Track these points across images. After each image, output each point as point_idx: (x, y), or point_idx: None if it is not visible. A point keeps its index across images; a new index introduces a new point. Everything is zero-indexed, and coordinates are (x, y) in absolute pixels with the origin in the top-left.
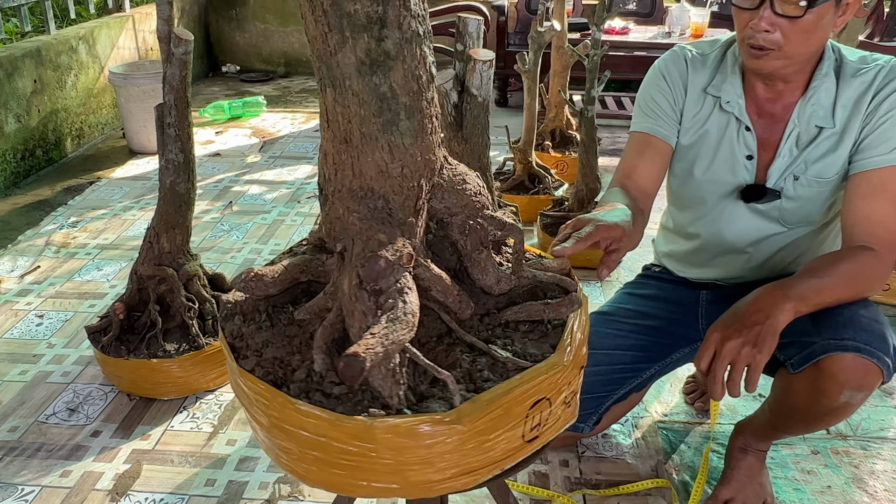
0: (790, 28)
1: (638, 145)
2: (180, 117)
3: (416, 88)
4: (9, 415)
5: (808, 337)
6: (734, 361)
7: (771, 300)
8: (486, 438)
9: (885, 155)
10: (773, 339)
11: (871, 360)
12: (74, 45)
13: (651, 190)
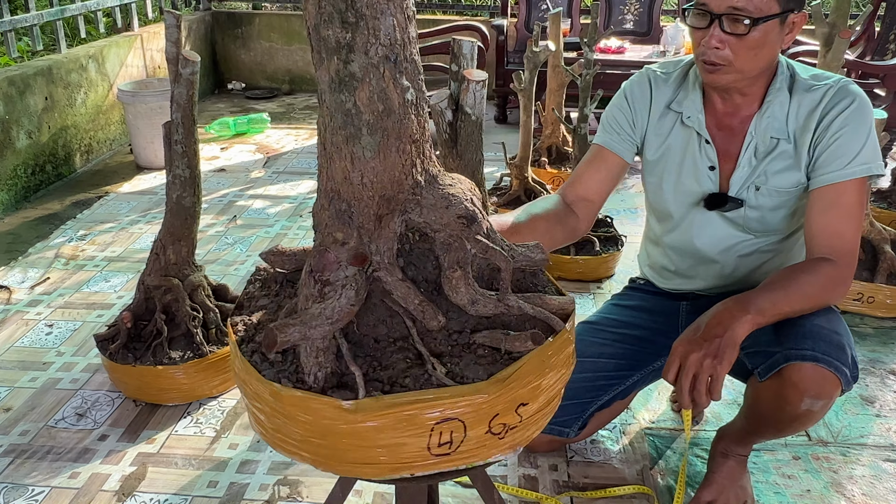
0: (738, 45)
1: (591, 156)
2: (187, 134)
3: (382, 109)
4: (20, 419)
5: (772, 347)
6: (697, 373)
7: (729, 314)
8: (382, 437)
9: (838, 171)
10: (733, 350)
11: (828, 369)
12: (84, 64)
13: (592, 196)
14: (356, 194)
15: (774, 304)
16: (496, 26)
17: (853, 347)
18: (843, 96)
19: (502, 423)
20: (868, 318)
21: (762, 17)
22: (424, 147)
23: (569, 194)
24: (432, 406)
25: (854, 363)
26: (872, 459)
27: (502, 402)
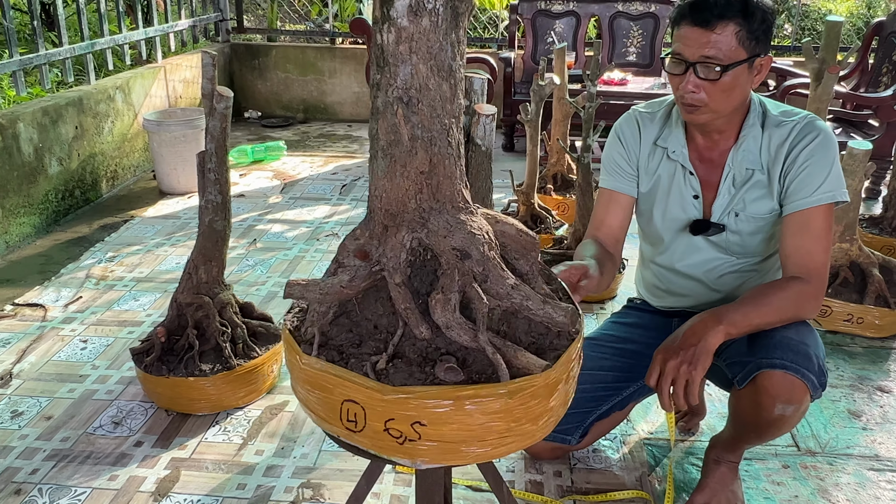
0: (711, 88)
1: (605, 200)
2: (220, 163)
3: (393, 139)
4: (60, 427)
5: (747, 357)
6: (675, 378)
7: (704, 325)
8: (314, 391)
9: (807, 198)
10: (707, 357)
11: (796, 376)
12: (112, 94)
13: (619, 235)
14: (372, 205)
15: (746, 317)
16: (504, 59)
17: (821, 357)
18: (809, 131)
19: (398, 430)
20: (858, 337)
21: (731, 63)
22: (441, 180)
23: (602, 237)
24: (342, 384)
25: (821, 371)
26: (857, 468)
27: (396, 411)
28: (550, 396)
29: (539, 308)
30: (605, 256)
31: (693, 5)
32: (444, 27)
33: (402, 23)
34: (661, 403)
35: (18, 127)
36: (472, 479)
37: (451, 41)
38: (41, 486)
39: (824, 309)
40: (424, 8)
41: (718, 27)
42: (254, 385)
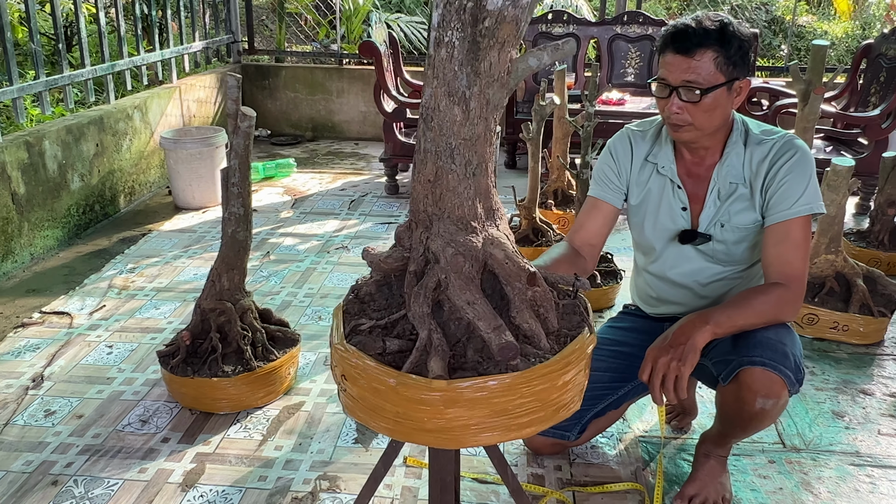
0: (694, 109)
1: (589, 206)
2: (242, 178)
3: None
4: (91, 425)
5: (731, 356)
6: (665, 373)
7: (692, 325)
8: None
9: (786, 210)
10: (695, 355)
11: (774, 372)
12: (130, 113)
13: (594, 240)
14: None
15: (730, 318)
16: None
17: (797, 355)
18: (788, 149)
19: None
20: (844, 344)
21: (710, 86)
22: (444, 192)
23: (575, 240)
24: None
25: (797, 368)
26: (839, 464)
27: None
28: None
29: (486, 330)
30: (566, 259)
31: (675, 35)
32: (460, 58)
33: (431, 51)
34: (652, 397)
35: (44, 144)
36: (478, 473)
37: (466, 71)
38: (76, 477)
39: (812, 317)
40: (442, 40)
41: (698, 54)
42: (272, 386)
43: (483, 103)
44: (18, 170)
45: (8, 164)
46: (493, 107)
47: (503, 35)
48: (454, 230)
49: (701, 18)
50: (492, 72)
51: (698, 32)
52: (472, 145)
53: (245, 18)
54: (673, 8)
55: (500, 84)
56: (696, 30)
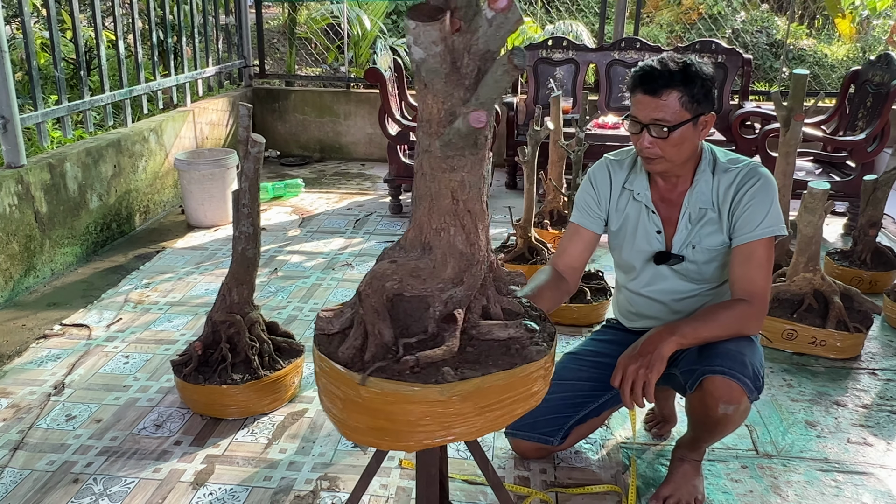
0: (664, 144)
1: (570, 232)
2: (252, 200)
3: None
4: (109, 428)
5: (695, 365)
6: (633, 380)
7: (659, 336)
8: None
9: (750, 233)
10: (661, 363)
11: (733, 380)
12: (146, 136)
13: (576, 264)
14: None
15: (695, 330)
16: (507, 103)
17: (756, 365)
18: (752, 176)
19: None
20: (822, 358)
21: (677, 123)
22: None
23: (559, 264)
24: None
25: (756, 376)
26: (808, 469)
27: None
28: None
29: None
30: (551, 284)
31: (642, 77)
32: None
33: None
34: (623, 402)
35: (65, 166)
36: (468, 475)
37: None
38: (95, 476)
39: (791, 332)
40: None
41: (664, 95)
42: (278, 394)
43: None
44: (41, 190)
45: (32, 185)
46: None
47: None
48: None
49: (665, 60)
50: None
51: (664, 74)
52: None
53: (256, 43)
54: (676, 31)
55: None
56: (662, 71)
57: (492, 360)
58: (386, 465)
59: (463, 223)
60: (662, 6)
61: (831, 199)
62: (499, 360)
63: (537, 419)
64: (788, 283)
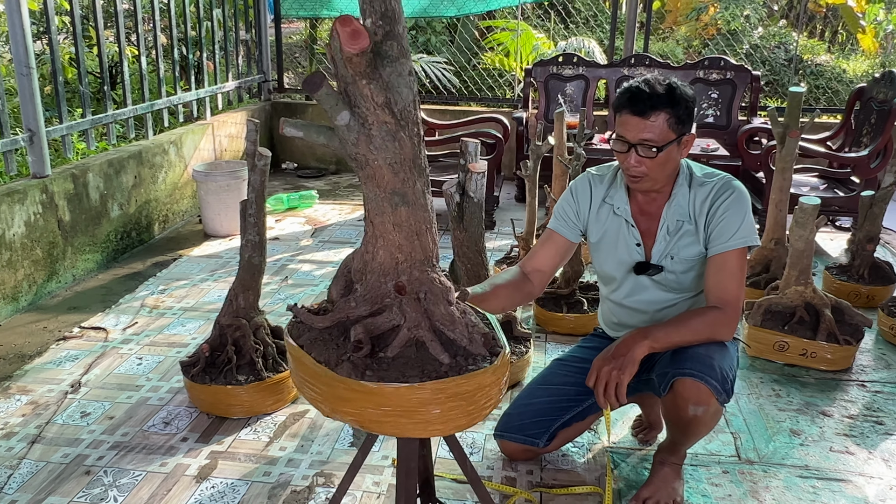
0: (650, 163)
1: (544, 237)
2: (258, 210)
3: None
4: (120, 425)
5: (667, 368)
6: (607, 381)
7: (633, 340)
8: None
9: (724, 244)
10: (633, 365)
11: (701, 382)
12: (166, 148)
13: (543, 268)
14: (434, 253)
15: (667, 335)
16: (516, 118)
17: (725, 368)
18: (726, 189)
19: None
20: (812, 370)
21: (664, 143)
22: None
23: (526, 266)
24: None
25: (724, 378)
26: (788, 475)
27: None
28: None
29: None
30: (511, 284)
31: (631, 98)
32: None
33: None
34: (597, 401)
35: (88, 176)
36: (457, 474)
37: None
38: (106, 468)
39: (782, 344)
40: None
41: (652, 116)
42: (280, 395)
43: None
44: (65, 199)
45: (56, 194)
46: None
47: None
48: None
49: (652, 82)
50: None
51: (651, 96)
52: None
53: (276, 58)
54: (694, 46)
55: None
56: (650, 93)
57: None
58: (379, 463)
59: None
60: (681, 21)
61: (836, 214)
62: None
63: (524, 422)
64: (780, 295)
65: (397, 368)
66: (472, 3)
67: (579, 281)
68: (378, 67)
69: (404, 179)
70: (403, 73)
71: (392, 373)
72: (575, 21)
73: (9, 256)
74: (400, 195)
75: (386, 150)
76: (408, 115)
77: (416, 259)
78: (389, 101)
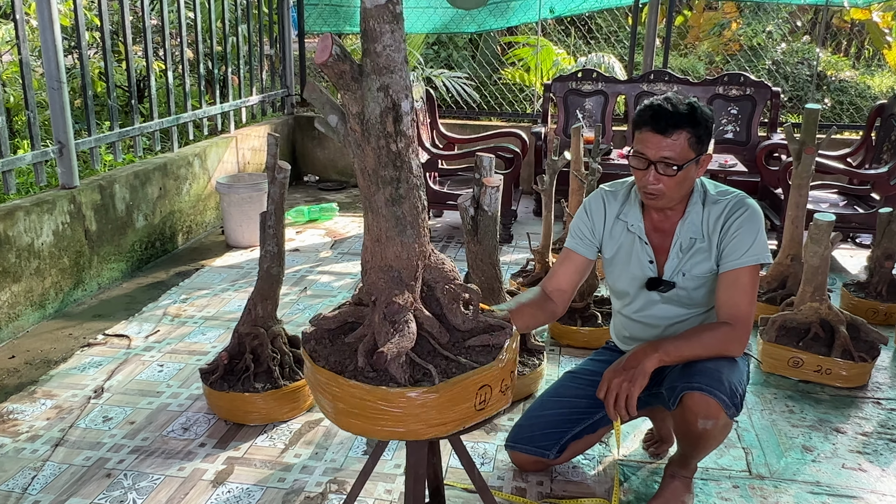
0: (668, 181)
1: (562, 257)
2: (277, 222)
3: (416, 212)
4: (141, 430)
5: (676, 382)
6: (617, 393)
7: (643, 352)
8: (451, 404)
9: (737, 260)
10: (643, 377)
11: (710, 396)
12: (191, 161)
13: (564, 287)
14: (404, 265)
15: (677, 349)
16: (535, 133)
17: (734, 382)
18: (739, 207)
19: (507, 385)
20: (827, 387)
21: (684, 162)
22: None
23: (547, 286)
24: (475, 380)
25: (732, 393)
26: (799, 491)
27: (505, 372)
28: None
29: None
30: (534, 303)
31: (653, 115)
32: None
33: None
34: (607, 413)
35: (115, 188)
36: (467, 483)
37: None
38: (126, 472)
39: (797, 360)
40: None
41: (674, 134)
42: (296, 403)
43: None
44: (92, 210)
45: (84, 205)
46: None
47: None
48: (444, 262)
49: (673, 101)
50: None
51: (674, 115)
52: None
53: (299, 73)
54: (717, 62)
55: None
56: (672, 112)
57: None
58: (391, 471)
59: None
60: (703, 37)
61: (855, 230)
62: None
63: (535, 433)
64: (795, 311)
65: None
66: (492, 19)
67: (594, 295)
68: (356, 81)
69: (368, 186)
70: (373, 89)
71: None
72: (595, 37)
73: (37, 265)
74: (367, 199)
75: (355, 157)
76: (372, 128)
77: (377, 265)
78: (363, 113)
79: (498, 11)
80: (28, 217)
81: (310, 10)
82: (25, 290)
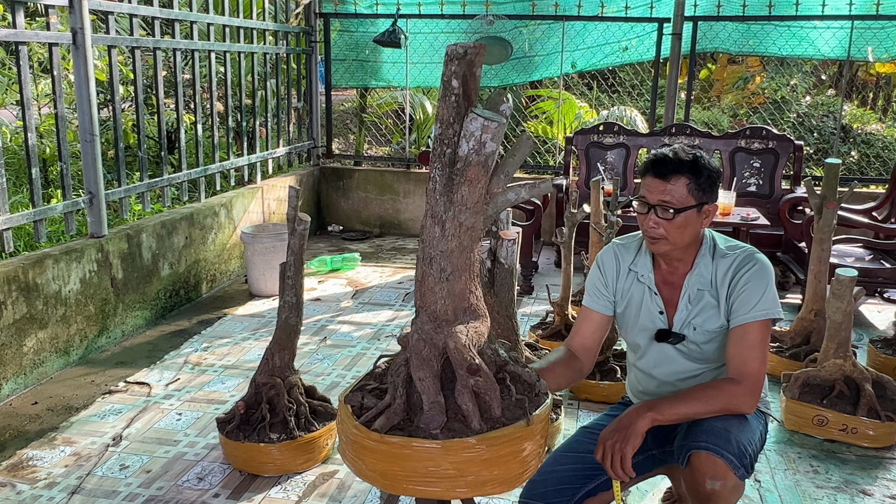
0: (668, 225)
1: (582, 315)
2: (296, 272)
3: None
4: (156, 478)
5: (684, 441)
6: (612, 454)
7: (636, 413)
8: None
9: (745, 315)
10: (636, 437)
11: (717, 456)
12: (217, 211)
13: (588, 344)
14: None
15: (672, 407)
16: (556, 185)
17: (742, 441)
18: (748, 261)
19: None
20: (853, 446)
21: (682, 207)
22: (425, 290)
23: (572, 345)
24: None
25: (741, 452)
26: None
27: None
28: None
29: (426, 401)
30: (563, 361)
31: (655, 162)
32: (440, 189)
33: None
34: (608, 473)
35: (142, 237)
36: None
37: (443, 200)
38: None
39: (821, 419)
40: (430, 175)
41: (673, 179)
42: (311, 454)
43: (456, 225)
44: (119, 258)
45: (111, 253)
46: (465, 228)
47: (471, 175)
48: (426, 321)
49: (677, 150)
50: (463, 201)
51: (674, 161)
52: (447, 256)
53: (325, 125)
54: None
55: (472, 211)
56: (673, 159)
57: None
58: None
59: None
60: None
61: (882, 285)
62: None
63: (548, 489)
64: (819, 368)
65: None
66: (514, 74)
67: (612, 348)
68: None
69: None
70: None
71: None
72: (617, 90)
73: (63, 312)
74: None
75: None
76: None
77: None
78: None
79: (521, 66)
80: (56, 265)
81: (337, 65)
82: (51, 336)
